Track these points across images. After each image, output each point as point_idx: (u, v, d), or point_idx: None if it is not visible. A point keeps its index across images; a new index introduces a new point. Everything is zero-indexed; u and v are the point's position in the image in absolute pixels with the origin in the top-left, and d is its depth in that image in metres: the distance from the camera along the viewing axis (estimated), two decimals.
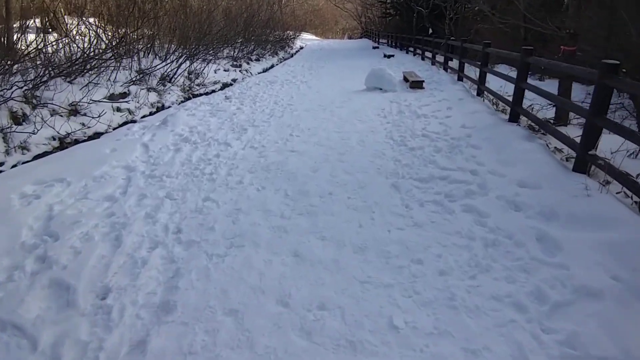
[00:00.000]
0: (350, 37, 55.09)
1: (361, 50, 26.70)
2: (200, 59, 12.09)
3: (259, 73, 15.82)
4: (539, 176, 3.97)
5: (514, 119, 6.05)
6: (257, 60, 18.69)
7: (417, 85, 10.05)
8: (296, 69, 16.17)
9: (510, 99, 6.07)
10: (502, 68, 11.98)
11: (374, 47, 27.38)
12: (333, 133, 6.30)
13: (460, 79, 10.53)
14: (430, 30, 21.71)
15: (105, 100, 7.52)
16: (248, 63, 16.90)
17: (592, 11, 8.54)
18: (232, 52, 16.03)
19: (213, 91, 11.49)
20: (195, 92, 10.75)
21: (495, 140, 5.25)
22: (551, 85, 8.40)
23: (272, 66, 18.95)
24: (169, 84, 10.17)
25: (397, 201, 3.91)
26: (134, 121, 7.80)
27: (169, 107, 9.16)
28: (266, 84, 11.64)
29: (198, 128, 6.54)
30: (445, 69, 12.70)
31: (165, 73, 10.09)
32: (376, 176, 4.54)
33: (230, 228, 3.47)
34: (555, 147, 4.90)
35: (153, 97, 8.95)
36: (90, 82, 7.95)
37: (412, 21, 24.06)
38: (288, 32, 30.22)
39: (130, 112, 7.93)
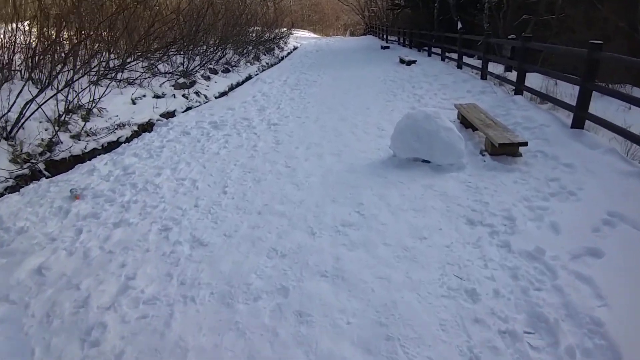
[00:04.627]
0: (352, 34, 49.58)
1: (367, 51, 21.30)
2: (95, 77, 6.88)
3: (219, 95, 10.57)
4: None
5: None
6: (226, 71, 13.41)
7: (509, 150, 4.52)
8: (273, 87, 10.83)
9: None
10: (636, 92, 6.60)
11: (383, 47, 22.00)
12: None
13: (579, 123, 5.22)
14: (460, 25, 16.41)
15: None
16: (208, 78, 11.61)
17: None
18: (182, 62, 10.68)
19: (109, 145, 6.29)
20: (58, 156, 5.54)
21: None
22: None
23: (248, 78, 13.69)
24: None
25: None
26: None
27: None
28: (201, 135, 6.33)
29: None
30: (519, 92, 7.39)
31: None
32: None
33: None
34: None
35: None
36: None
37: (433, 13, 18.72)
38: (280, 29, 24.94)
39: None
